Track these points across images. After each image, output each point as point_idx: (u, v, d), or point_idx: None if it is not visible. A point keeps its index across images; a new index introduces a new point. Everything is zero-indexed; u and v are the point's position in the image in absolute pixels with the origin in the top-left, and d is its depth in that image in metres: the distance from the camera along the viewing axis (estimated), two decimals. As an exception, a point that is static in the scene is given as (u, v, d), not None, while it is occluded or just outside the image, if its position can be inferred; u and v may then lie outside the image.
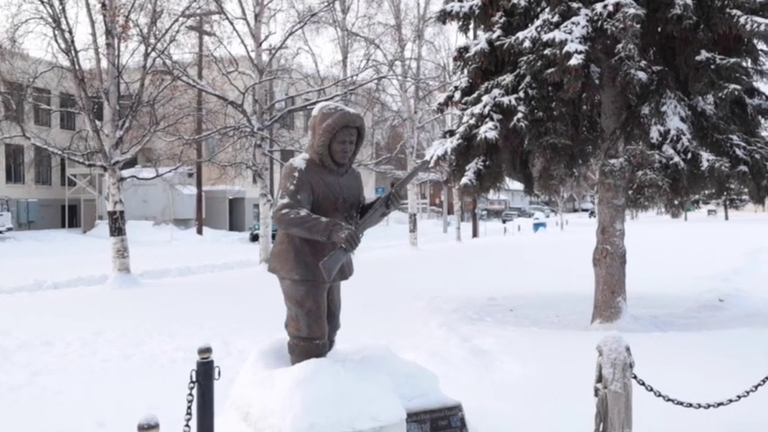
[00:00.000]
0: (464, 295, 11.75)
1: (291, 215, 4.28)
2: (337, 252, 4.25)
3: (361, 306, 10.68)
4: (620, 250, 9.17)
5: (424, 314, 9.74)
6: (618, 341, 4.22)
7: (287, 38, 18.42)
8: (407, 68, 26.09)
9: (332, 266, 4.24)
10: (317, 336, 4.51)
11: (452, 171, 9.27)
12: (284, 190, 4.41)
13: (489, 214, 68.77)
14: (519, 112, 8.38)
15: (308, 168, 4.47)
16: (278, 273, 4.59)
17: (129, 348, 7.71)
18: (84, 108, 14.03)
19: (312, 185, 4.44)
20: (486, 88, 8.83)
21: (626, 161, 8.20)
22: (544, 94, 8.60)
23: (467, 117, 8.80)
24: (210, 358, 4.27)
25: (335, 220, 4.27)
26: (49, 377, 6.51)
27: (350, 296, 12.11)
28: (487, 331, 8.33)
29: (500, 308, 10.55)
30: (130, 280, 14.19)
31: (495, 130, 8.34)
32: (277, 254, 4.60)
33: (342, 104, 4.69)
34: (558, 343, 7.57)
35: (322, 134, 4.46)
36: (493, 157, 8.98)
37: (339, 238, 4.20)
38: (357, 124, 4.52)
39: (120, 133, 14.25)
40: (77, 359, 7.25)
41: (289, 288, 4.55)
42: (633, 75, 7.98)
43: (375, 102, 25.05)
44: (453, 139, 8.92)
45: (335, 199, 4.52)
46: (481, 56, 8.95)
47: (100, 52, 14.19)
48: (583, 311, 9.85)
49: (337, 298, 4.82)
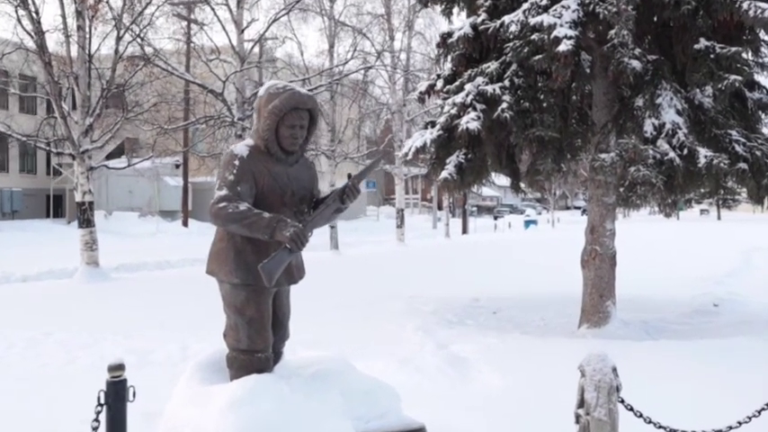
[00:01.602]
0: (446, 295, 11.19)
1: (229, 209, 3.70)
2: (281, 252, 3.68)
3: (336, 305, 10.15)
4: (609, 251, 8.62)
5: (400, 316, 9.17)
6: (603, 360, 3.65)
7: (270, 25, 17.81)
8: (397, 60, 25.49)
9: (274, 269, 3.66)
10: (260, 348, 3.94)
11: (432, 164, 8.70)
12: (222, 180, 3.84)
13: (480, 210, 68.20)
14: (504, 102, 7.82)
15: (250, 156, 3.89)
16: (216, 275, 4.01)
17: (77, 351, 7.12)
18: (51, 93, 13.39)
19: (255, 176, 3.87)
20: (469, 76, 8.26)
21: (618, 156, 7.64)
22: (531, 83, 8.05)
23: (448, 107, 8.23)
24: (123, 377, 3.67)
25: (280, 216, 3.70)
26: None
27: (325, 294, 11.71)
28: (467, 336, 7.77)
29: (483, 310, 10.00)
30: (99, 274, 13.57)
31: (478, 121, 7.77)
32: (215, 253, 4.03)
33: (292, 84, 4.11)
34: (541, 351, 7.02)
35: (267, 117, 3.88)
36: (476, 150, 8.42)
37: (283, 236, 3.63)
38: (308, 106, 3.94)
39: (90, 120, 13.61)
40: (17, 362, 6.66)
41: (228, 293, 3.98)
42: (627, 63, 7.43)
43: (362, 93, 24.46)
44: (433, 131, 8.36)
45: (283, 192, 3.94)
46: (465, 41, 8.37)
47: (69, 35, 13.53)
48: (570, 314, 9.31)
49: (285, 304, 4.23)
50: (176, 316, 9.36)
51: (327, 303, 10.33)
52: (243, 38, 17.54)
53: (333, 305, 10.21)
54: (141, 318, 9.11)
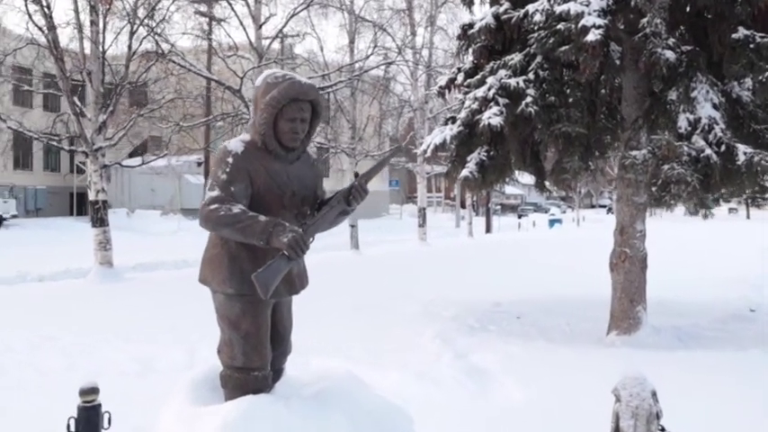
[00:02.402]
0: (467, 299, 10.76)
1: (221, 212, 3.32)
2: (277, 261, 3.29)
3: (352, 308, 9.78)
4: (640, 254, 8.15)
5: (418, 321, 8.77)
6: (641, 384, 3.23)
7: (288, 20, 17.45)
8: (419, 56, 25.03)
9: (269, 280, 3.27)
10: (256, 366, 3.55)
11: (452, 162, 8.28)
12: (214, 180, 3.45)
13: (504, 209, 67.52)
14: (528, 96, 7.39)
15: (246, 153, 3.51)
16: (208, 284, 3.63)
17: (79, 357, 6.79)
18: (64, 90, 13.12)
19: (251, 175, 3.48)
20: (491, 69, 7.83)
21: (649, 153, 7.17)
22: (557, 75, 7.61)
23: (469, 101, 7.81)
24: (96, 401, 3.28)
25: (277, 220, 3.31)
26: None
27: (341, 296, 11.32)
28: (488, 344, 7.35)
29: (505, 315, 9.55)
30: (112, 274, 13.30)
31: (501, 116, 7.35)
32: (208, 260, 3.64)
33: (293, 73, 3.72)
34: (567, 362, 6.58)
35: (264, 109, 3.49)
36: (498, 147, 7.98)
37: (280, 242, 3.24)
38: (310, 97, 3.55)
39: (104, 117, 13.33)
40: (13, 369, 6.33)
41: (221, 304, 3.60)
42: (660, 54, 6.97)
43: (383, 90, 24.03)
44: (454, 127, 7.94)
45: (282, 192, 3.55)
46: (487, 32, 7.95)
47: (83, 30, 13.25)
48: (598, 318, 8.85)
49: (287, 317, 3.84)
50: (186, 319, 9.00)
51: (343, 306, 9.97)
52: (261, 33, 17.21)
53: (349, 308, 9.84)
54: (149, 321, 8.79)
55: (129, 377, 6.11)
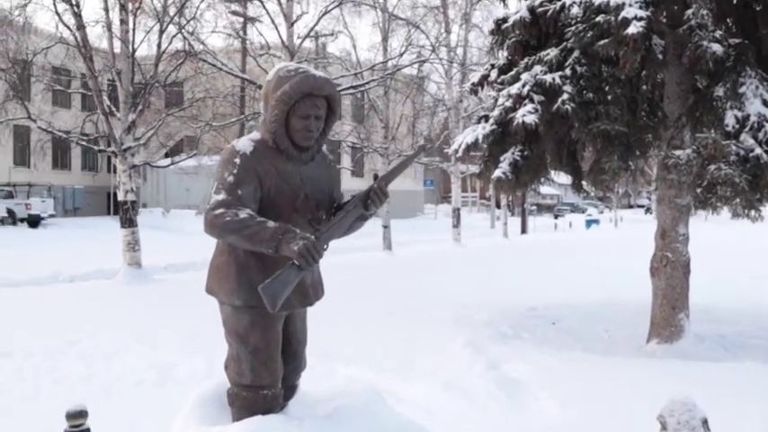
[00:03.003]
0: (501, 303, 10.41)
1: (227, 217, 3.05)
2: (287, 271, 3.01)
3: (381, 312, 9.50)
4: (683, 258, 7.75)
5: (450, 327, 8.44)
6: (690, 411, 2.89)
7: (320, 17, 17.22)
8: (453, 55, 24.64)
9: (277, 292, 3.00)
10: (266, 383, 3.28)
11: (485, 162, 7.95)
12: (220, 182, 3.19)
13: (540, 209, 66.68)
14: (564, 93, 7.04)
15: (255, 153, 3.24)
16: (215, 295, 3.37)
17: (97, 363, 6.60)
18: (93, 89, 13.03)
19: (260, 176, 3.21)
20: (525, 65, 7.49)
21: (694, 153, 6.77)
22: (595, 71, 7.24)
23: (502, 99, 7.47)
24: (84, 426, 3.02)
25: (287, 227, 3.03)
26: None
27: (371, 299, 11.02)
28: (522, 353, 7.00)
29: (541, 320, 9.19)
30: (141, 275, 13.18)
31: (536, 114, 7.00)
32: (215, 269, 3.39)
33: (306, 66, 3.44)
34: (606, 373, 6.21)
35: (276, 105, 3.22)
36: (533, 147, 7.63)
37: (290, 250, 2.97)
38: (325, 92, 3.27)
39: (133, 117, 13.22)
40: (29, 377, 6.15)
41: (228, 317, 3.34)
42: (706, 48, 6.57)
43: (417, 89, 23.70)
44: (486, 125, 7.61)
45: (294, 195, 3.28)
46: (521, 26, 7.61)
47: (112, 29, 13.15)
48: (637, 325, 8.46)
49: (300, 329, 3.56)
50: (209, 323, 8.72)
51: (373, 309, 9.70)
52: (293, 32, 17.00)
53: (378, 312, 9.55)
54: (173, 324, 8.58)
55: (146, 386, 5.89)
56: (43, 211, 37.15)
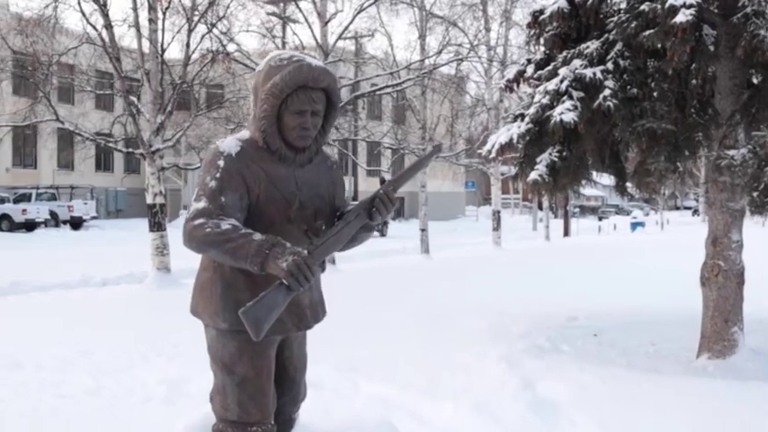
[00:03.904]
0: (539, 311, 9.87)
1: (206, 229, 2.63)
2: (273, 292, 2.58)
3: (412, 321, 9.06)
4: (736, 267, 7.14)
5: (484, 338, 7.95)
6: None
7: (355, 16, 16.84)
8: (493, 53, 24.06)
9: (261, 317, 2.57)
10: (255, 419, 2.85)
11: (520, 164, 7.44)
12: (201, 188, 2.77)
13: (583, 211, 65.51)
14: (606, 89, 6.50)
15: (242, 154, 2.82)
16: (199, 317, 2.97)
17: (107, 376, 6.26)
18: (121, 90, 12.81)
19: (248, 181, 2.79)
20: (564, 59, 6.96)
21: (750, 153, 6.20)
22: (640, 65, 6.69)
23: (539, 95, 6.96)
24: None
25: (276, 239, 2.60)
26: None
27: (404, 305, 10.58)
28: (560, 370, 6.49)
29: (582, 331, 8.64)
30: (169, 280, 12.91)
31: (575, 112, 6.48)
32: (199, 287, 2.98)
33: (303, 54, 3.01)
34: (652, 395, 5.68)
35: (265, 99, 2.80)
36: (572, 147, 7.09)
37: (278, 268, 2.54)
38: (323, 84, 2.83)
39: (162, 118, 12.96)
40: (35, 390, 5.82)
41: (213, 342, 2.93)
42: (763, 38, 5.98)
43: (456, 88, 23.17)
44: (522, 124, 7.10)
45: (287, 203, 2.85)
46: (559, 18, 7.08)
47: (140, 29, 12.91)
48: (685, 338, 7.88)
49: (298, 355, 3.13)
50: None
51: (404, 318, 9.26)
52: (326, 30, 16.64)
53: (408, 320, 9.11)
54: (192, 334, 8.15)
55: (154, 403, 5.53)
56: (85, 213, 37.57)
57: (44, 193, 36.97)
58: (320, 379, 6.14)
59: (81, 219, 36.73)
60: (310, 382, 6.12)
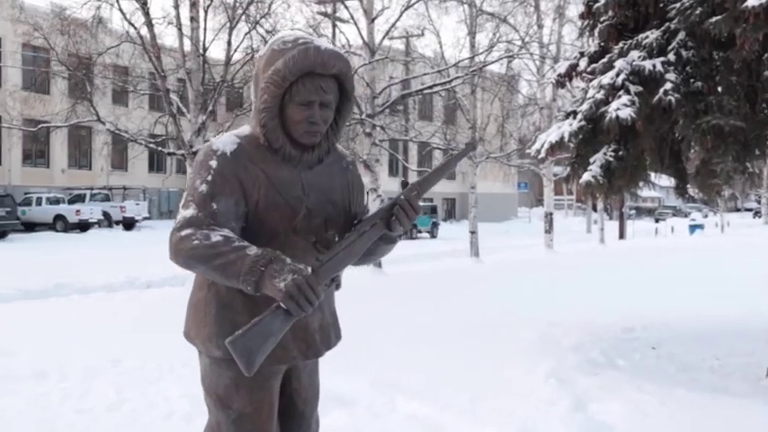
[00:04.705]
0: (593, 321, 9.29)
1: (194, 241, 2.23)
2: (269, 317, 2.17)
3: (458, 331, 8.57)
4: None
5: (532, 351, 7.43)
6: None
7: (402, 13, 16.41)
8: (546, 51, 23.39)
9: (253, 347, 2.15)
10: (253, 462, 2.44)
11: (572, 164, 6.92)
12: (191, 193, 2.37)
13: (639, 213, 63.93)
14: (667, 82, 5.96)
15: (239, 153, 2.41)
16: (192, 342, 2.57)
17: (132, 388, 5.95)
18: (161, 89, 12.62)
19: (245, 185, 2.38)
20: (620, 51, 6.43)
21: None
22: (705, 55, 6.12)
23: (593, 90, 6.44)
24: None
25: (275, 254, 2.19)
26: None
27: (449, 314, 10.10)
28: (615, 388, 5.95)
29: (639, 344, 8.05)
30: (209, 284, 12.64)
31: (632, 107, 5.95)
32: (193, 308, 2.58)
33: (311, 36, 2.58)
34: (719, 417, 5.13)
35: (266, 89, 2.38)
36: (628, 146, 6.55)
37: (275, 289, 2.12)
38: (334, 70, 2.40)
39: (203, 118, 12.72)
40: (55, 403, 5.55)
41: (206, 372, 2.52)
42: None
43: (507, 86, 22.55)
44: (574, 122, 6.59)
45: (293, 211, 2.43)
46: (615, 6, 6.56)
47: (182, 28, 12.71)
48: (753, 352, 7.29)
49: (308, 386, 2.70)
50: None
51: (448, 328, 8.80)
52: (373, 27, 16.26)
53: (453, 330, 8.65)
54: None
55: (174, 420, 5.18)
56: (137, 213, 37.96)
57: (98, 193, 37.47)
58: (354, 394, 5.76)
59: (133, 219, 37.13)
60: (342, 397, 5.78)
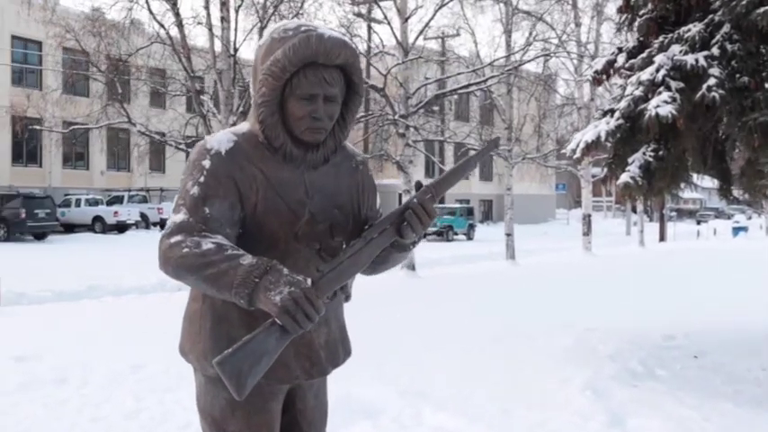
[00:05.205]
0: (632, 328, 8.94)
1: (183, 249, 2.02)
2: (263, 334, 1.94)
3: (489, 337, 8.30)
4: None
5: (567, 360, 7.13)
6: None
7: (436, 12, 16.15)
8: (584, 50, 22.93)
9: (243, 368, 1.93)
10: (250, 493, 2.22)
11: (609, 164, 6.62)
12: (182, 196, 2.16)
13: (680, 215, 62.69)
14: (711, 77, 5.64)
15: (235, 152, 2.20)
16: (186, 357, 2.36)
17: (151, 395, 5.80)
18: (192, 90, 12.53)
19: (241, 187, 2.16)
20: (660, 45, 6.12)
21: None
22: (751, 49, 5.80)
23: (631, 87, 6.14)
24: None
25: (272, 264, 1.96)
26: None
27: (481, 319, 9.80)
28: (655, 401, 5.64)
29: (680, 352, 7.70)
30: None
31: (673, 104, 5.64)
32: (188, 320, 2.36)
33: (314, 23, 2.36)
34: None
35: (264, 81, 2.17)
36: (669, 145, 6.23)
37: (269, 302, 1.90)
38: (338, 60, 2.17)
39: (234, 119, 12.61)
40: (73, 410, 5.41)
41: (201, 391, 2.31)
42: None
43: (544, 86, 22.14)
44: (611, 120, 6.28)
45: (294, 215, 2.21)
46: (655, -1, 6.24)
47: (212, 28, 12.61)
48: (803, 362, 6.90)
49: (313, 406, 2.46)
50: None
51: (480, 334, 8.52)
52: (406, 27, 16.02)
53: (485, 335, 8.38)
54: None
55: (191, 429, 5.00)
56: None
57: (135, 195, 37.77)
58: (381, 405, 5.54)
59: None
60: (368, 408, 5.55)
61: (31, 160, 35.92)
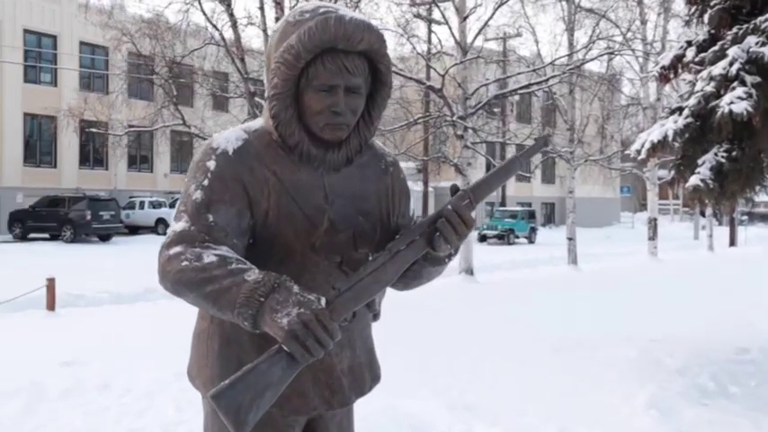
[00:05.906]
0: (701, 340, 8.43)
1: (183, 262, 1.75)
2: (266, 363, 1.66)
3: (548, 348, 7.90)
4: None
5: (630, 374, 6.70)
6: None
7: (496, 10, 15.74)
8: (650, 48, 22.16)
9: (242, 402, 1.65)
10: None
11: (677, 166, 6.19)
12: (184, 202, 1.91)
13: (752, 218, 60.55)
14: (791, 71, 5.19)
15: (244, 152, 1.93)
16: (193, 382, 2.12)
17: (191, 406, 5.58)
18: (245, 92, 12.44)
19: (250, 192, 1.89)
20: (734, 37, 5.67)
21: None
22: (838, 39, 5.32)
23: (701, 83, 5.71)
24: None
25: (280, 280, 1.69)
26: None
27: (541, 329, 9.39)
28: (727, 423, 5.20)
29: (755, 368, 7.19)
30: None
31: (748, 101, 5.22)
32: (196, 341, 2.12)
33: (335, 5, 2.09)
34: None
35: (277, 70, 1.89)
36: (743, 144, 5.78)
37: (275, 326, 1.63)
38: (361, 45, 1.88)
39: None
40: (112, 420, 5.28)
41: (209, 421, 2.06)
42: None
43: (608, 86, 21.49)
44: (679, 119, 5.86)
45: (312, 224, 1.93)
46: (729, -13, 5.80)
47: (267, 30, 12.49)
48: None
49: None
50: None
51: (537, 342, 8.16)
52: (465, 26, 15.68)
53: (543, 346, 7.99)
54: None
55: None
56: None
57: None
58: (429, 419, 5.26)
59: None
60: (415, 423, 5.26)
61: (98, 163, 36.68)
